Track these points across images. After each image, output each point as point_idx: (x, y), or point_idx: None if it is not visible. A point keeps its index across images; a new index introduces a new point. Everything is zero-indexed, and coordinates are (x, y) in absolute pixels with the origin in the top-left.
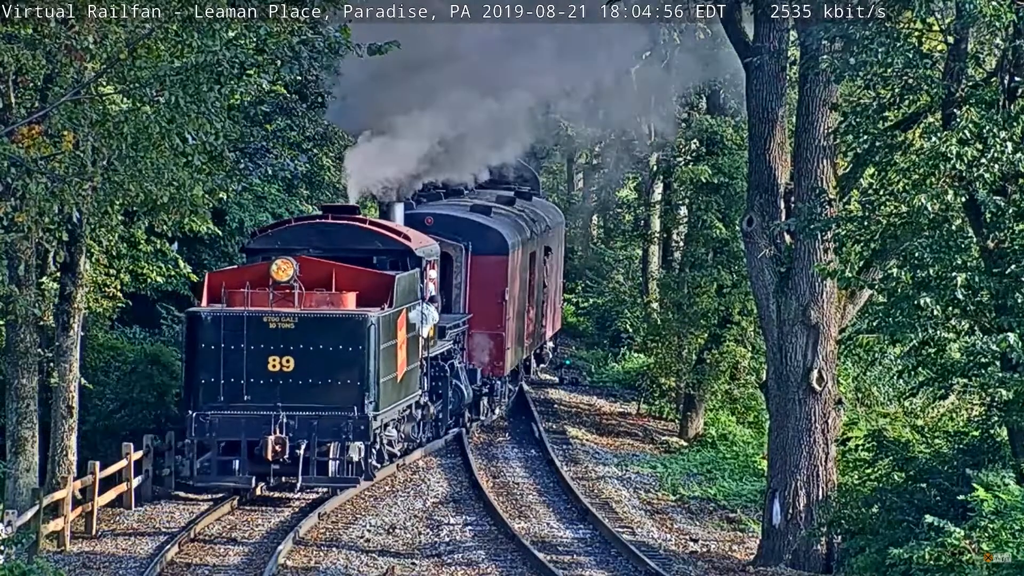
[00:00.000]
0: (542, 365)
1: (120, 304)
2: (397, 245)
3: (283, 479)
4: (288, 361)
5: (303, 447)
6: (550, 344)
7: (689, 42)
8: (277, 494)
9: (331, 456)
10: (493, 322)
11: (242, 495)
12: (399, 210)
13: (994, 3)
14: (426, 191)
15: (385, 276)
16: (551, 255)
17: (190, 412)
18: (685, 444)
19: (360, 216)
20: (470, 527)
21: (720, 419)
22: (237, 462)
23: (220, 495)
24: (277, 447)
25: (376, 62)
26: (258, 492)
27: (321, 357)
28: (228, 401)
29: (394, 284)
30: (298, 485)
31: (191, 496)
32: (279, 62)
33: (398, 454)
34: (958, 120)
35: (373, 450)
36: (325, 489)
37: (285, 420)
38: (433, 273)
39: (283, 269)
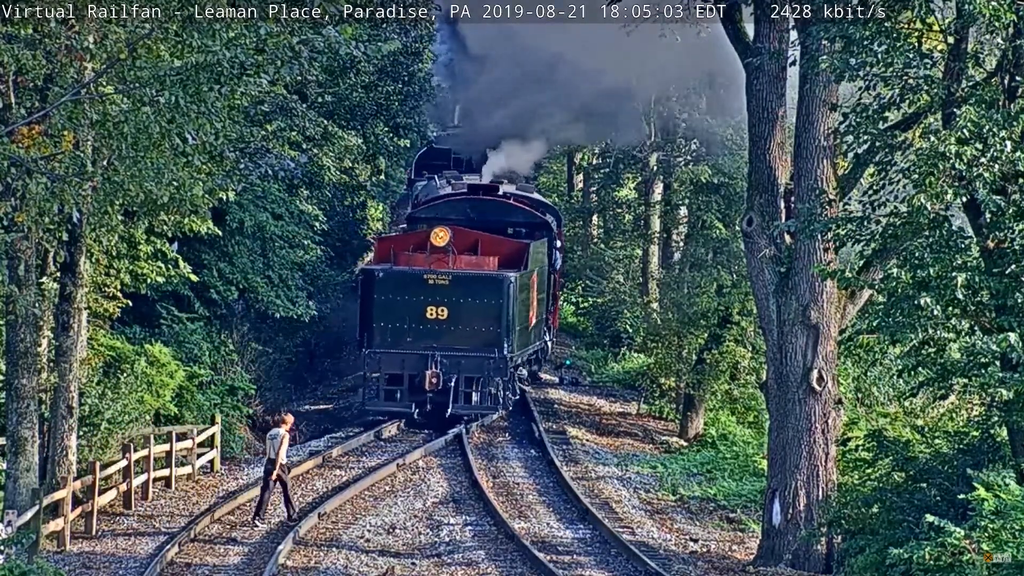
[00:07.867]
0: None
1: (120, 304)
2: (536, 219)
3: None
4: (443, 311)
5: (453, 380)
6: None
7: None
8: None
9: (475, 389)
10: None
11: (406, 418)
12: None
13: (994, 3)
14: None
15: (521, 244)
16: None
17: (364, 351)
18: (685, 444)
19: (503, 193)
20: (470, 527)
21: (720, 419)
22: (400, 392)
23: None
24: (433, 380)
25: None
26: (414, 416)
27: (469, 308)
28: (394, 342)
29: (528, 250)
30: (448, 411)
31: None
32: (279, 62)
33: (525, 387)
34: (957, 119)
35: (511, 385)
36: (467, 415)
37: (439, 358)
38: (558, 243)
39: (441, 236)
